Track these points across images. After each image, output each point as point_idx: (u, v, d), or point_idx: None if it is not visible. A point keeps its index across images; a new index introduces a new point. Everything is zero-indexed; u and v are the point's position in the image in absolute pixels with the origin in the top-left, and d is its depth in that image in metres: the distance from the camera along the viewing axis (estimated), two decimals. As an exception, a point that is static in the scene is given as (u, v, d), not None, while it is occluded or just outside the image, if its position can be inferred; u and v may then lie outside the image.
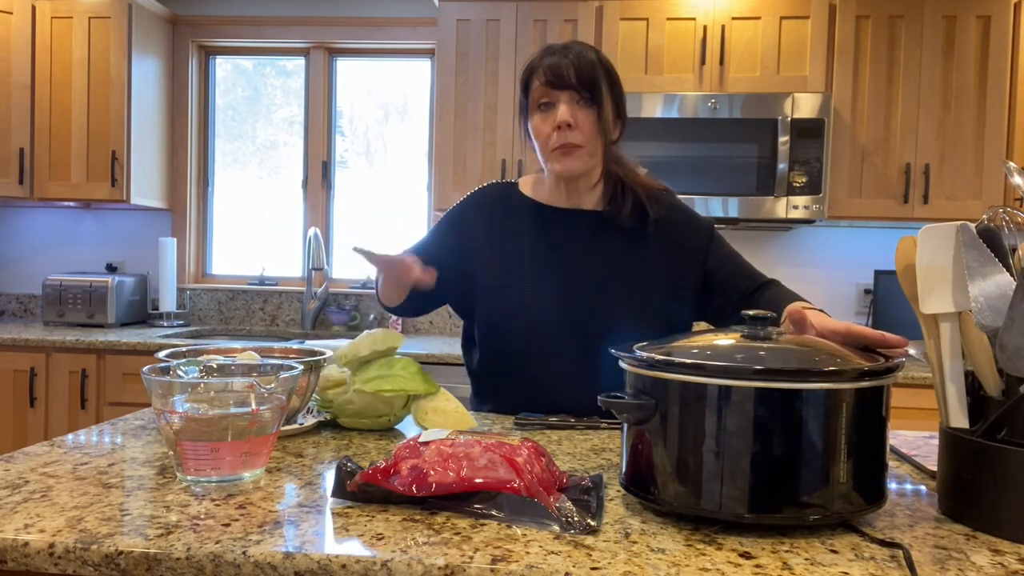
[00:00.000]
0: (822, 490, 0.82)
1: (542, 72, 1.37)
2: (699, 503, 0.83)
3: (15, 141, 3.22)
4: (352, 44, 3.59)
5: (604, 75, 1.38)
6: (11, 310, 3.71)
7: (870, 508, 0.85)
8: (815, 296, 3.36)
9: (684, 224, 1.50)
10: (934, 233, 0.92)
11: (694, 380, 0.84)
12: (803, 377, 0.81)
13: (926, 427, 2.63)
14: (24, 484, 0.93)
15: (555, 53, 1.38)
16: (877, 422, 0.86)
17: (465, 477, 0.87)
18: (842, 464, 0.83)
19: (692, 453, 0.84)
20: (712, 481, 0.83)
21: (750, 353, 0.86)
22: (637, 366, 0.90)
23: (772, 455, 0.82)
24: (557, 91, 1.36)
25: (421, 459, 0.89)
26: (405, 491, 0.87)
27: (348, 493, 0.89)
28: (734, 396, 0.82)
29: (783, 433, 0.82)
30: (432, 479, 0.87)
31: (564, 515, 0.83)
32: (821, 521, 0.82)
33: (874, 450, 0.86)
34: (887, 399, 0.88)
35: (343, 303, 3.55)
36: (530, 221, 1.49)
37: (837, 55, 2.94)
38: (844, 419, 0.83)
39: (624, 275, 1.45)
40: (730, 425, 0.82)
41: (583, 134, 1.37)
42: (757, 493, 0.81)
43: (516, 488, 0.86)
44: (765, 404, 0.82)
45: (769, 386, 0.81)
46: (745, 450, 0.82)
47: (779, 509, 0.82)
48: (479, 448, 0.90)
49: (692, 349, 0.89)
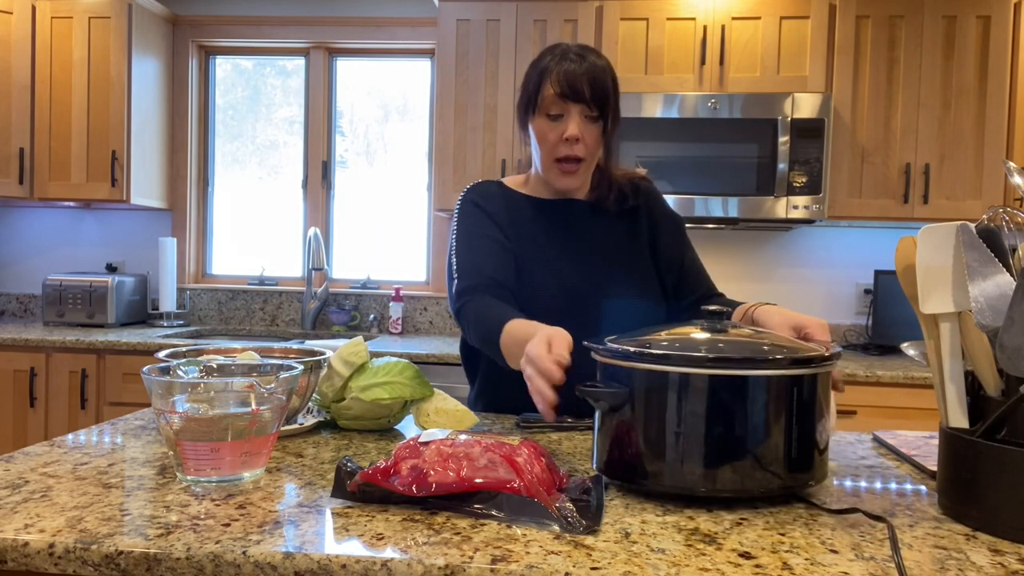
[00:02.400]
0: (767, 465, 0.92)
1: (557, 81, 1.36)
2: (664, 481, 0.93)
3: (15, 141, 3.22)
4: (352, 44, 3.59)
5: (612, 85, 1.39)
6: (11, 310, 3.71)
7: (810, 482, 0.95)
8: (815, 296, 3.36)
9: (662, 208, 1.56)
10: (934, 233, 0.92)
11: (658, 368, 0.93)
12: (751, 365, 0.91)
13: (926, 427, 2.63)
14: (24, 484, 0.93)
15: (570, 59, 1.37)
16: (813, 405, 0.95)
17: (465, 477, 0.87)
18: (782, 442, 0.92)
19: (658, 435, 0.93)
20: (674, 459, 0.93)
21: (710, 344, 0.96)
22: (608, 357, 0.99)
23: (722, 435, 0.92)
24: (569, 104, 1.36)
25: (421, 459, 0.89)
26: (405, 491, 0.87)
27: (348, 493, 0.89)
28: (692, 382, 0.92)
29: (732, 415, 0.92)
30: (432, 479, 0.87)
31: (564, 515, 0.83)
32: (767, 493, 0.92)
33: (809, 430, 0.95)
34: (824, 384, 0.97)
35: (343, 303, 3.55)
36: (528, 213, 1.50)
37: (837, 55, 2.94)
38: (783, 402, 0.93)
39: (622, 262, 1.48)
40: (688, 408, 0.92)
41: (587, 147, 1.40)
42: (709, 468, 0.92)
43: (516, 488, 0.86)
44: (718, 389, 0.91)
45: (721, 373, 0.91)
46: (699, 431, 0.92)
47: (730, 483, 0.92)
48: (479, 448, 0.90)
49: (661, 341, 0.98)
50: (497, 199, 1.50)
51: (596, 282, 1.45)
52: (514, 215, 1.49)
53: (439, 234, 3.53)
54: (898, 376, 2.62)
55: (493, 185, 1.55)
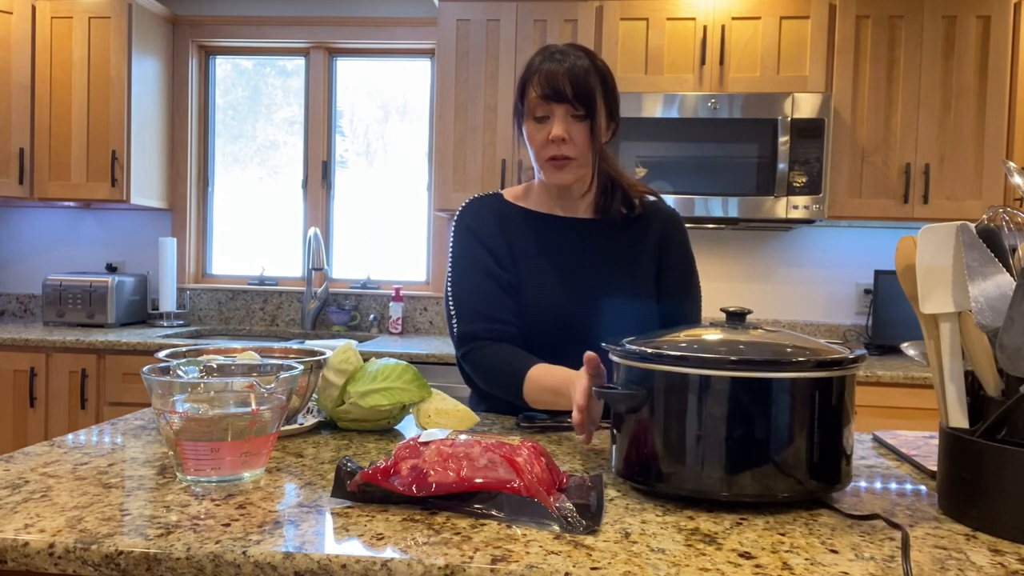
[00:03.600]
0: (788, 469, 0.90)
1: (538, 83, 1.37)
2: (683, 484, 0.91)
3: (15, 141, 3.22)
4: (352, 44, 3.59)
5: (599, 84, 1.38)
6: (11, 310, 3.71)
7: (834, 487, 0.93)
8: (815, 296, 3.36)
9: (679, 242, 1.54)
10: (934, 233, 0.92)
11: (678, 371, 0.91)
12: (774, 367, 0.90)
13: (926, 427, 2.63)
14: (24, 484, 0.93)
15: (552, 59, 1.37)
16: (839, 408, 0.93)
17: (465, 477, 0.87)
18: (806, 446, 0.90)
19: (677, 438, 0.92)
20: (695, 463, 0.91)
21: (730, 346, 0.94)
22: (628, 359, 0.97)
23: (744, 438, 0.89)
24: (552, 104, 1.37)
25: (421, 459, 0.90)
26: (405, 491, 0.87)
27: (348, 493, 0.89)
28: (713, 384, 0.90)
29: (755, 417, 0.90)
30: (432, 479, 0.87)
31: (564, 515, 0.84)
32: (789, 498, 0.90)
33: (835, 434, 0.93)
34: (850, 387, 0.95)
35: (343, 303, 3.55)
36: (526, 229, 1.49)
37: (837, 55, 2.94)
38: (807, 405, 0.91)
39: (622, 280, 1.46)
40: (709, 410, 0.90)
41: (576, 147, 1.39)
42: (732, 473, 0.90)
43: (516, 488, 0.86)
44: (740, 391, 0.89)
45: (744, 375, 0.89)
46: (720, 433, 0.90)
47: (752, 488, 0.90)
48: (479, 448, 0.90)
49: (679, 343, 0.97)
50: (492, 219, 1.49)
51: (590, 307, 1.44)
52: (510, 234, 1.48)
53: (439, 234, 3.53)
54: (898, 376, 2.62)
55: (491, 201, 1.53)
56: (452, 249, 1.51)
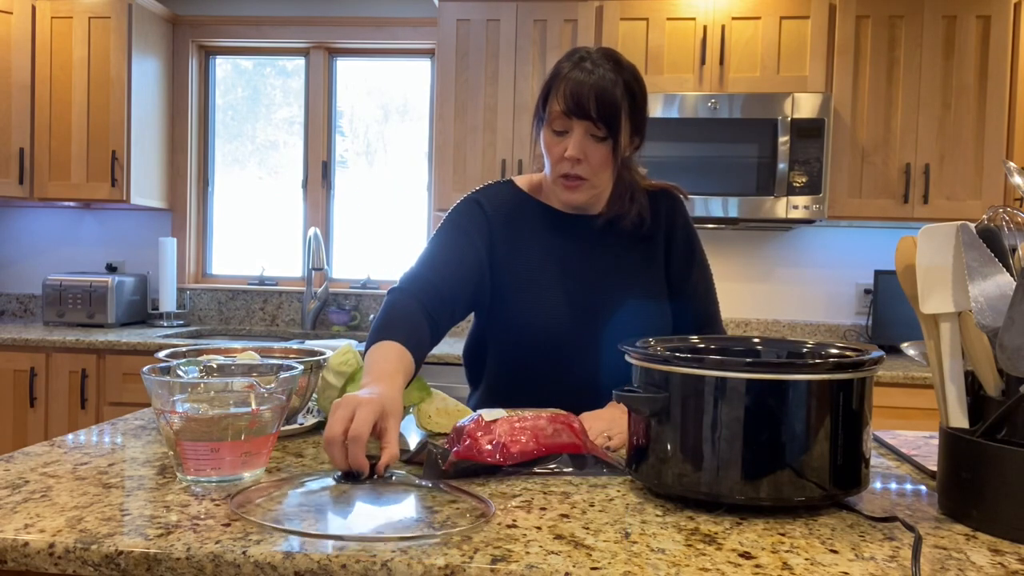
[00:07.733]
0: (805, 473, 0.89)
1: (562, 95, 1.28)
2: (701, 488, 0.91)
3: (15, 141, 3.22)
4: (352, 44, 3.59)
5: (627, 101, 1.30)
6: (11, 310, 3.71)
7: (852, 491, 0.92)
8: (815, 296, 3.36)
9: (683, 225, 1.48)
10: (934, 233, 0.92)
11: (699, 373, 0.91)
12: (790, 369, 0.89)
13: (926, 427, 2.63)
14: (24, 484, 0.93)
15: (581, 69, 1.29)
16: (860, 410, 0.92)
17: (543, 443, 1.06)
18: (824, 449, 0.90)
19: (696, 441, 0.91)
20: (711, 466, 0.90)
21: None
22: (649, 361, 0.97)
23: (765, 441, 0.89)
24: (572, 120, 1.29)
25: (496, 434, 1.04)
26: (495, 462, 1.01)
27: (442, 472, 1.00)
28: (733, 386, 0.89)
29: (773, 421, 0.89)
30: (515, 449, 1.04)
31: (615, 463, 1.07)
32: (806, 503, 0.89)
33: (856, 437, 0.92)
34: (869, 389, 0.94)
35: (343, 303, 3.55)
36: (539, 225, 1.43)
37: (837, 55, 2.94)
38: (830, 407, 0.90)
39: (635, 280, 1.42)
40: (730, 413, 0.89)
41: (591, 168, 1.31)
42: (748, 477, 0.89)
43: (581, 447, 1.07)
44: (764, 393, 0.89)
45: (764, 377, 0.89)
46: (739, 436, 0.89)
47: (768, 492, 0.89)
48: (544, 420, 1.08)
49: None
50: (505, 206, 1.43)
51: (596, 311, 1.39)
52: (520, 224, 1.42)
53: (439, 234, 3.52)
54: (898, 376, 2.62)
55: (502, 188, 1.46)
56: (447, 216, 1.43)
